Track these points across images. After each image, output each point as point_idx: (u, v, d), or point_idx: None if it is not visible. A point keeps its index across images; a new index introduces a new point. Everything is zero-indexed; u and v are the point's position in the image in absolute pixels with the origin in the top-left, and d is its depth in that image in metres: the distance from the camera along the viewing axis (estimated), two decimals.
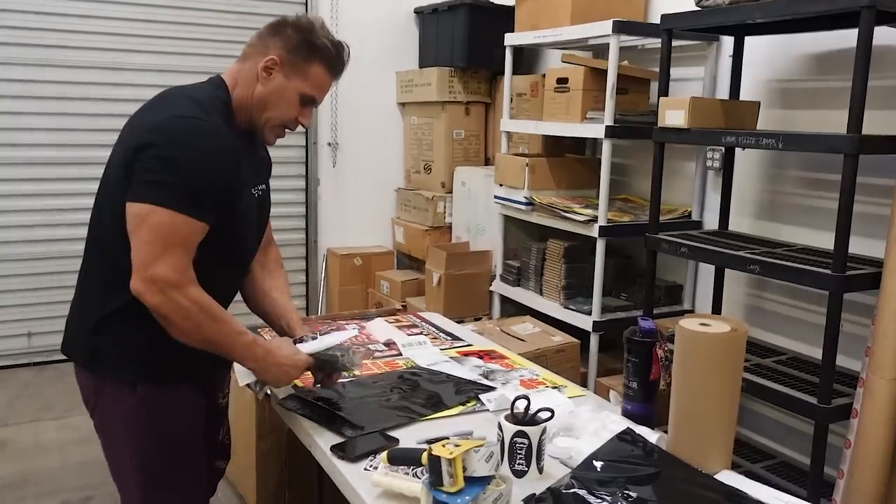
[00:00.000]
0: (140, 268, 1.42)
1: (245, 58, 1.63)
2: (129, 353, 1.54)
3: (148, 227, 1.42)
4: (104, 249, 1.54)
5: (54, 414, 3.38)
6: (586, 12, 3.16)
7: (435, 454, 1.22)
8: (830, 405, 2.11)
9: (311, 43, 1.60)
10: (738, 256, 2.33)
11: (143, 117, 1.53)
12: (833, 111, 2.57)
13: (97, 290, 1.56)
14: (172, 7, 4.02)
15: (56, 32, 3.80)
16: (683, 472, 1.39)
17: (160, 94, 1.59)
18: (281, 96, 1.60)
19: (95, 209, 1.60)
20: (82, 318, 1.58)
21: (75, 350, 1.61)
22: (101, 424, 1.61)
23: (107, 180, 1.56)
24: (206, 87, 1.60)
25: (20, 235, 3.86)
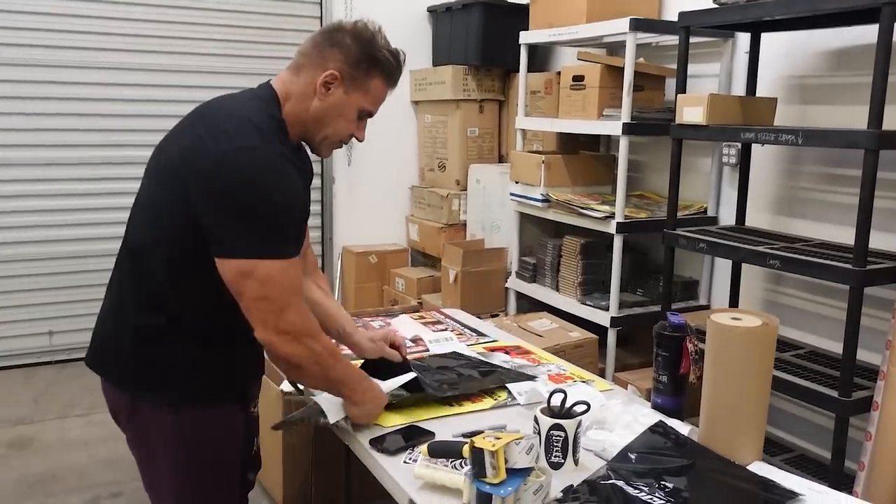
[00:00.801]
0: (266, 322, 1.39)
1: (299, 69, 1.52)
2: (172, 374, 1.48)
3: (259, 282, 1.37)
4: (146, 268, 1.47)
5: (79, 411, 3.42)
6: (601, 10, 3.19)
7: (478, 446, 1.25)
8: (851, 398, 2.14)
9: (372, 56, 1.51)
10: (757, 252, 2.36)
11: (200, 143, 1.41)
12: (850, 107, 2.60)
13: (134, 308, 1.49)
14: (183, 7, 4.04)
15: (75, 34, 3.84)
16: (717, 463, 1.42)
17: (209, 109, 1.50)
18: (340, 113, 1.52)
19: (135, 225, 1.52)
20: (117, 335, 1.52)
21: (106, 366, 1.54)
22: (136, 441, 1.55)
23: (152, 199, 1.48)
24: (259, 105, 1.48)
25: (40, 235, 3.90)
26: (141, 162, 4.14)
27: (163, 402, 1.48)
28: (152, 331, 1.47)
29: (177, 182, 1.40)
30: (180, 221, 1.41)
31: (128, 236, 1.54)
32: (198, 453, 1.51)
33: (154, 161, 1.53)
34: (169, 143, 1.51)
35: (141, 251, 1.48)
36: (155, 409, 1.49)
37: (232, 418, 1.57)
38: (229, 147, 1.37)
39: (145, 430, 1.51)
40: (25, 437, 3.19)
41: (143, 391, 1.50)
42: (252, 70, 4.17)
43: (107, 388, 1.56)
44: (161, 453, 1.51)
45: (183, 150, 1.43)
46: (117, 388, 1.52)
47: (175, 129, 1.53)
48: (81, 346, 3.96)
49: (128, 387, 1.51)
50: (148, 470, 1.56)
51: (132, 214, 1.55)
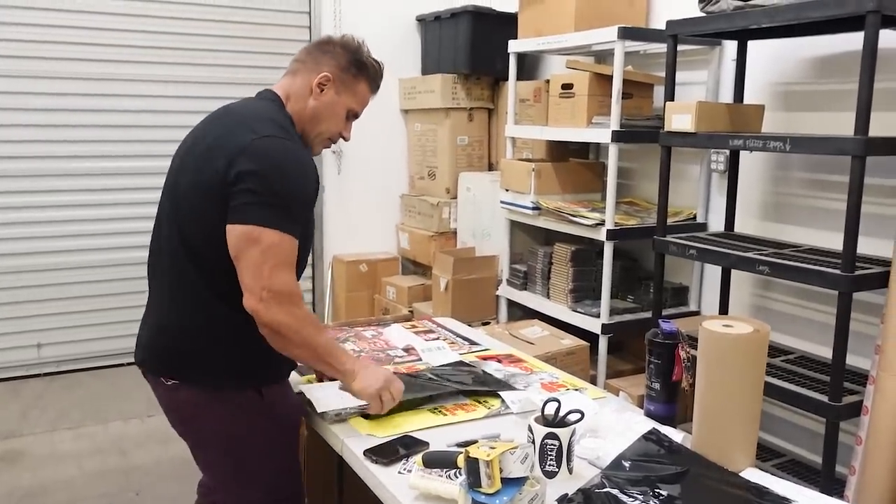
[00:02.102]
0: (254, 286, 1.51)
1: (295, 73, 1.73)
2: (255, 361, 1.62)
3: (260, 247, 1.50)
4: (209, 267, 1.59)
5: (69, 423, 3.40)
6: (589, 19, 3.21)
7: (473, 456, 1.26)
8: (841, 403, 2.15)
9: (359, 62, 1.74)
10: (746, 258, 2.37)
11: (223, 139, 1.58)
12: (837, 113, 2.62)
13: (205, 307, 1.61)
14: (180, 18, 4.05)
15: (69, 45, 3.83)
16: (710, 470, 1.43)
17: (227, 111, 1.68)
18: (332, 111, 1.72)
19: (178, 228, 1.62)
20: (186, 336, 1.63)
21: (183, 368, 1.64)
22: (215, 431, 1.65)
23: (184, 200, 1.61)
24: (271, 106, 1.68)
25: (28, 247, 3.88)
26: (129, 173, 4.16)
27: (249, 389, 1.63)
28: (235, 323, 1.58)
29: (210, 166, 1.55)
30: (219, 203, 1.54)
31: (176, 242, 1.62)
32: (286, 425, 1.71)
33: (181, 163, 1.66)
34: (194, 145, 1.65)
35: (202, 255, 1.59)
36: (241, 397, 1.63)
37: (291, 387, 1.78)
38: (256, 136, 1.55)
39: (230, 421, 1.63)
40: (14, 450, 3.16)
41: (228, 382, 1.62)
42: (246, 80, 4.17)
43: (174, 388, 1.64)
44: (250, 437, 1.65)
45: (212, 143, 1.59)
46: (188, 385, 1.62)
47: (196, 134, 1.69)
48: (70, 357, 3.99)
49: (206, 381, 1.62)
50: (229, 460, 1.67)
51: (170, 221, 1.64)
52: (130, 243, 3.99)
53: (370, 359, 2.01)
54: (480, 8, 4.11)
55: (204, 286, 1.61)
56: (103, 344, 4.00)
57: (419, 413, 1.74)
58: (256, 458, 1.68)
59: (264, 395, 1.65)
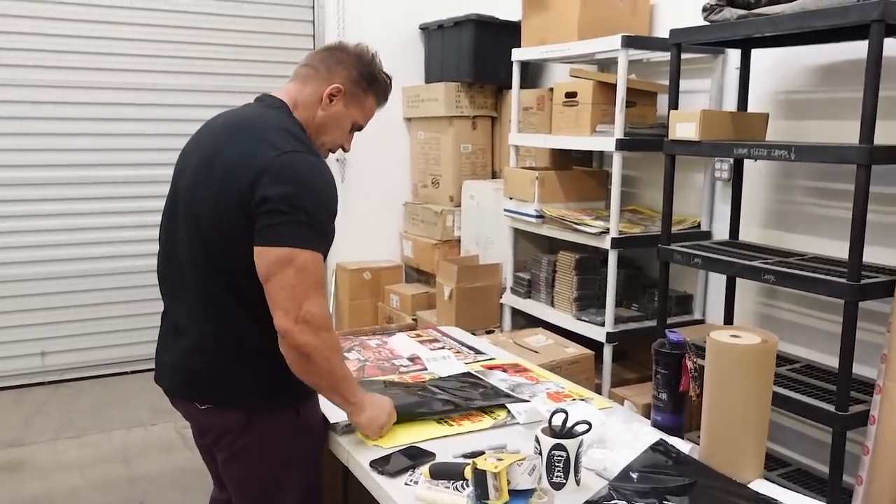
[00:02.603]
0: (290, 309, 1.46)
1: (305, 80, 1.67)
2: (291, 379, 1.55)
3: (294, 269, 1.46)
4: (240, 286, 1.54)
5: (72, 432, 3.40)
6: (593, 27, 3.21)
7: (480, 468, 1.25)
8: (848, 412, 2.14)
9: (372, 76, 1.70)
10: (752, 266, 2.37)
11: (243, 156, 1.51)
12: (841, 122, 2.62)
13: (238, 327, 1.56)
14: (183, 28, 4.07)
15: (70, 54, 3.85)
16: (718, 481, 1.42)
17: (239, 120, 1.61)
18: (338, 123, 1.69)
19: (203, 247, 1.56)
20: (219, 358, 1.57)
21: (215, 394, 1.59)
22: (247, 449, 1.61)
23: (207, 219, 1.54)
24: (282, 115, 1.62)
25: (32, 256, 3.88)
26: (132, 181, 4.17)
27: (285, 407, 1.61)
28: (269, 342, 1.53)
29: (234, 192, 1.49)
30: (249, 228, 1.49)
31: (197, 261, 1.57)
32: (318, 441, 1.70)
33: (195, 179, 1.59)
34: (207, 160, 1.58)
35: (233, 274, 1.54)
36: (276, 416, 1.60)
37: (318, 399, 1.72)
38: (278, 153, 1.50)
39: (265, 439, 1.60)
40: (18, 459, 3.16)
41: (262, 402, 1.59)
42: (251, 89, 4.04)
43: (207, 413, 1.60)
44: (285, 454, 1.62)
45: (230, 160, 1.53)
46: (233, 409, 1.58)
47: (205, 146, 1.61)
48: (74, 366, 3.99)
49: (247, 404, 1.58)
50: (259, 475, 1.63)
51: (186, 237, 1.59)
52: (135, 251, 4.00)
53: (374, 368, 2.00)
54: (484, 16, 4.12)
55: (236, 306, 1.56)
56: (107, 352, 4.00)
57: (425, 424, 1.73)
58: (290, 474, 1.65)
59: (301, 413, 1.63)
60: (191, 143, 1.69)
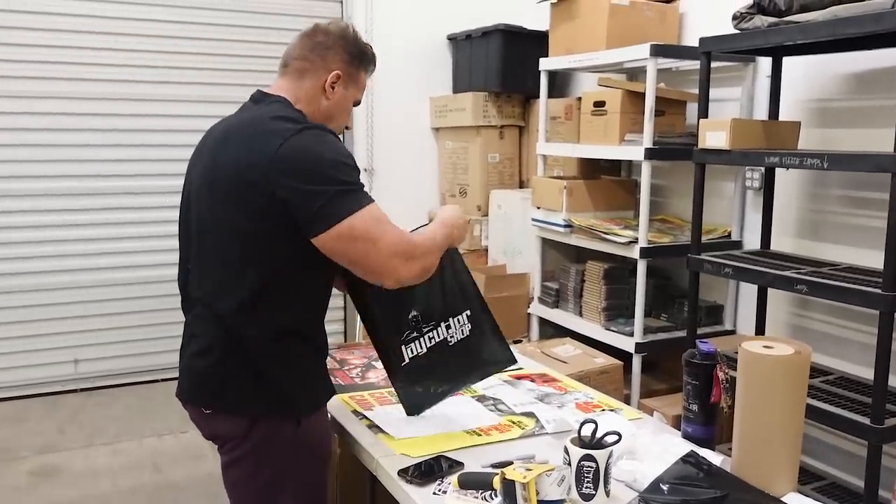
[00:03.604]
0: (385, 269, 1.53)
1: (301, 73, 1.67)
2: (294, 388, 1.60)
3: (360, 234, 1.49)
4: (273, 293, 1.54)
5: (105, 439, 3.44)
6: (621, 36, 3.20)
7: (509, 478, 1.25)
8: (884, 425, 2.10)
9: (361, 52, 1.73)
10: (784, 276, 2.34)
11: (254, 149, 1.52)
12: (875, 129, 2.59)
13: (244, 333, 1.56)
14: (207, 39, 4.12)
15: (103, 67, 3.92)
16: (751, 494, 1.40)
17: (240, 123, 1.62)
18: (343, 107, 1.72)
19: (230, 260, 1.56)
20: (223, 363, 1.58)
21: (220, 398, 1.60)
22: (246, 455, 1.61)
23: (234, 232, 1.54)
24: (280, 108, 1.62)
25: (66, 265, 3.95)
26: (165, 191, 4.20)
27: (287, 417, 1.60)
28: (286, 354, 1.58)
29: (248, 193, 1.50)
30: (273, 230, 1.51)
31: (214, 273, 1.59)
32: (318, 454, 1.68)
33: (203, 190, 1.62)
34: (211, 168, 1.60)
35: (258, 285, 1.54)
36: (278, 425, 1.60)
37: (326, 412, 1.73)
38: (282, 139, 1.50)
39: (266, 448, 1.60)
40: (51, 465, 3.21)
41: (265, 410, 1.59)
42: None
43: (211, 418, 1.63)
44: (284, 464, 1.62)
45: (235, 167, 1.53)
46: (234, 414, 1.59)
47: (207, 158, 1.63)
48: (107, 373, 4.04)
49: (248, 410, 1.59)
50: (254, 483, 1.62)
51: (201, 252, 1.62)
52: (168, 261, 4.03)
53: None
54: (512, 26, 4.13)
55: (242, 312, 1.56)
56: (139, 360, 4.05)
57: (454, 433, 1.73)
58: (286, 488, 1.64)
59: (301, 425, 1.62)
60: (194, 157, 1.71)
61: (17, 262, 3.86)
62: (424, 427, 1.77)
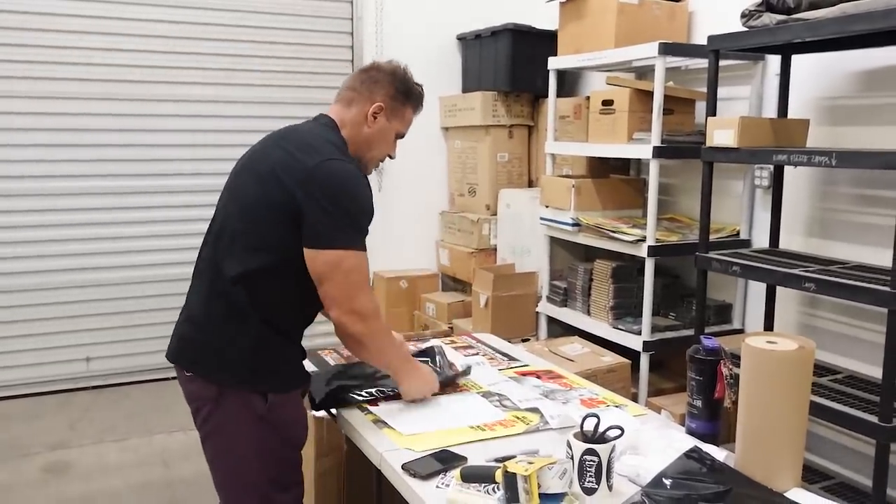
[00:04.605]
0: (343, 304, 1.69)
1: (349, 102, 1.85)
2: (266, 365, 1.71)
3: (345, 270, 1.67)
4: (265, 279, 1.70)
5: (116, 436, 3.47)
6: (630, 35, 3.20)
7: (511, 471, 1.25)
8: (892, 424, 2.09)
9: (407, 89, 1.88)
10: (792, 275, 2.33)
11: (292, 156, 1.70)
12: (884, 127, 2.57)
13: (231, 302, 1.70)
14: (225, 40, 4.15)
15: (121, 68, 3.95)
16: (754, 490, 1.40)
17: (288, 132, 1.81)
18: (384, 137, 1.87)
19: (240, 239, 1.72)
20: (205, 329, 1.73)
21: (197, 361, 1.74)
22: (219, 428, 1.73)
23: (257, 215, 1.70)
24: (328, 131, 1.81)
25: (78, 263, 3.99)
26: (174, 191, 4.25)
27: (255, 391, 1.70)
28: (271, 333, 1.71)
29: (275, 186, 1.68)
30: (281, 219, 1.67)
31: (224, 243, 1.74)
32: (280, 434, 1.74)
33: (241, 176, 1.79)
34: (255, 161, 1.79)
35: (265, 268, 1.70)
36: (246, 397, 1.69)
37: (301, 403, 1.83)
38: (321, 160, 1.69)
39: (233, 416, 1.71)
40: (62, 462, 3.23)
41: (233, 379, 1.70)
42: (291, 100, 4.30)
43: (190, 381, 1.75)
44: (248, 436, 1.71)
45: (277, 160, 1.72)
46: (204, 380, 1.72)
47: (258, 150, 1.82)
48: (118, 371, 4.08)
49: (222, 378, 1.70)
50: (228, 457, 1.74)
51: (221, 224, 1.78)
52: (179, 259, 4.07)
53: None
54: (520, 26, 4.14)
55: (234, 285, 1.70)
56: (150, 358, 4.08)
57: (458, 428, 1.74)
58: (252, 465, 1.72)
59: (269, 400, 1.71)
60: (248, 151, 1.87)
61: (30, 261, 3.91)
62: (430, 422, 1.78)
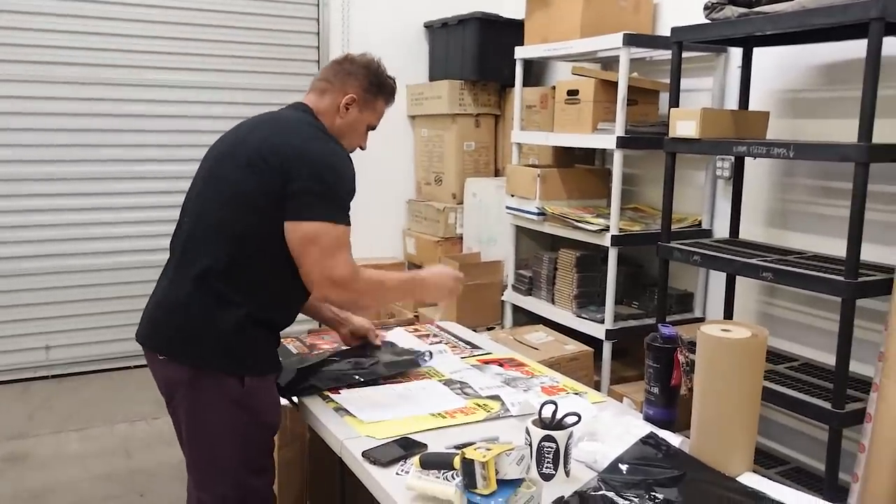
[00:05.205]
0: (322, 276, 1.70)
1: (323, 92, 1.89)
2: (242, 348, 1.72)
3: (324, 240, 1.70)
4: (247, 263, 1.71)
5: (76, 426, 3.42)
6: (595, 25, 3.22)
7: (468, 457, 1.26)
8: (844, 410, 2.15)
9: (380, 82, 1.93)
10: (750, 264, 2.37)
11: (279, 137, 1.75)
12: (842, 120, 2.62)
13: (206, 284, 1.70)
14: (188, 24, 4.09)
15: (81, 51, 3.87)
16: (707, 474, 1.43)
17: (270, 117, 1.85)
18: (355, 128, 1.91)
19: (212, 215, 1.74)
20: (180, 311, 1.72)
21: (170, 343, 1.73)
22: (193, 411, 1.73)
23: (237, 187, 1.72)
24: (308, 117, 1.85)
25: (38, 250, 3.91)
26: (136, 177, 4.20)
27: (231, 375, 1.70)
28: (247, 315, 1.71)
29: (262, 168, 1.70)
30: (270, 201, 1.69)
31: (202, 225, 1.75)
32: (255, 418, 1.74)
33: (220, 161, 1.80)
34: (235, 145, 1.80)
35: (245, 249, 1.71)
36: (221, 380, 1.70)
37: (275, 388, 1.83)
38: (307, 140, 1.76)
39: (207, 399, 1.71)
40: (21, 451, 3.18)
41: (208, 362, 1.70)
42: (257, 85, 4.25)
43: (163, 364, 1.75)
44: (222, 420, 1.71)
45: (260, 143, 1.74)
46: (178, 363, 1.72)
47: (235, 137, 1.83)
48: (79, 360, 4.02)
49: (196, 361, 1.70)
50: (202, 441, 1.74)
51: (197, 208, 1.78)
52: (139, 247, 4.01)
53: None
54: (488, 15, 4.13)
55: (210, 266, 1.70)
56: (111, 346, 4.03)
57: (419, 416, 1.75)
58: (227, 448, 1.72)
59: (245, 384, 1.71)
60: (224, 135, 1.89)
61: None
62: (391, 410, 1.78)
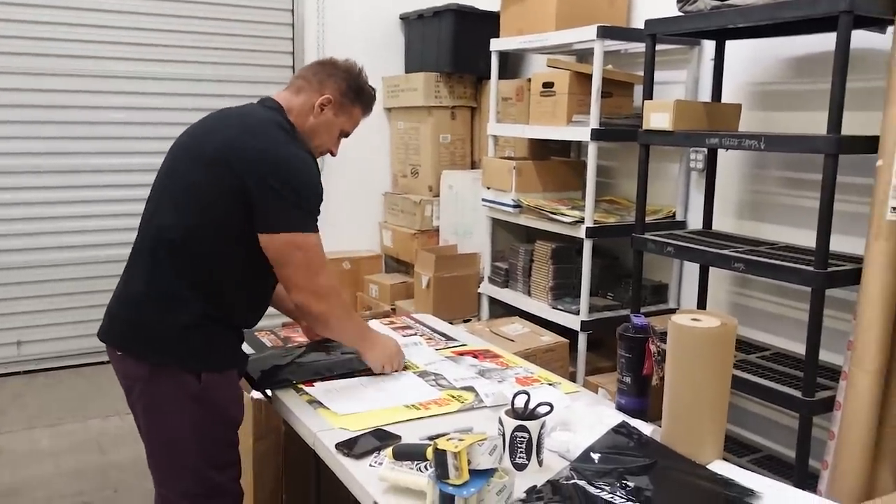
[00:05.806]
0: (304, 285, 1.72)
1: (299, 90, 1.86)
2: (198, 344, 1.70)
3: (303, 252, 1.70)
4: (204, 260, 1.70)
5: (47, 421, 3.38)
6: (570, 18, 3.23)
7: (441, 448, 1.26)
8: (814, 398, 2.18)
9: (359, 88, 1.90)
10: (722, 255, 2.39)
11: (240, 137, 1.70)
12: (812, 112, 2.65)
13: (164, 281, 1.69)
14: (157, 15, 4.04)
15: (60, 42, 3.82)
16: (678, 462, 1.44)
17: (235, 113, 1.80)
18: (327, 130, 1.87)
19: (171, 211, 1.71)
20: (137, 307, 1.71)
21: (127, 340, 1.73)
22: (151, 407, 1.72)
23: (194, 187, 1.70)
24: (276, 115, 1.79)
25: (6, 245, 3.86)
26: (109, 170, 4.14)
27: (188, 370, 1.69)
28: (203, 313, 1.70)
29: (224, 169, 1.66)
30: (230, 202, 1.66)
31: (161, 221, 1.73)
32: (214, 413, 1.74)
33: (183, 155, 1.76)
34: (199, 140, 1.76)
35: (201, 248, 1.69)
36: (178, 375, 1.69)
37: (237, 383, 1.83)
38: (270, 143, 1.70)
39: (165, 395, 1.70)
40: None
41: (164, 358, 1.69)
42: (230, 77, 4.24)
43: (122, 360, 1.74)
44: (181, 415, 1.70)
45: (224, 142, 1.70)
46: (134, 359, 1.71)
47: (199, 132, 1.79)
48: (51, 355, 3.97)
49: (150, 357, 1.69)
50: (162, 436, 1.74)
51: (159, 203, 1.76)
52: (111, 240, 3.98)
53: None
54: (463, 6, 4.13)
55: (169, 264, 1.69)
56: (84, 342, 3.99)
57: (393, 407, 1.75)
58: (186, 444, 1.71)
59: (203, 379, 1.70)
60: (191, 127, 1.84)
61: None
62: (365, 402, 1.78)
